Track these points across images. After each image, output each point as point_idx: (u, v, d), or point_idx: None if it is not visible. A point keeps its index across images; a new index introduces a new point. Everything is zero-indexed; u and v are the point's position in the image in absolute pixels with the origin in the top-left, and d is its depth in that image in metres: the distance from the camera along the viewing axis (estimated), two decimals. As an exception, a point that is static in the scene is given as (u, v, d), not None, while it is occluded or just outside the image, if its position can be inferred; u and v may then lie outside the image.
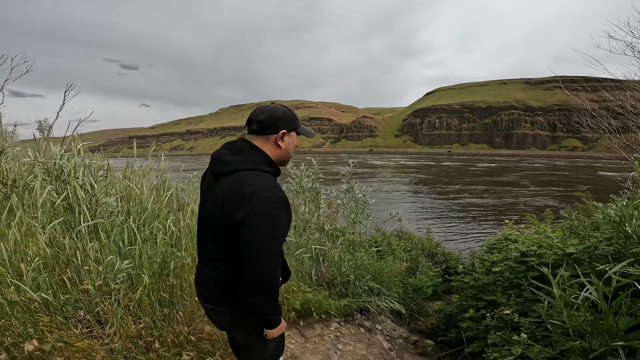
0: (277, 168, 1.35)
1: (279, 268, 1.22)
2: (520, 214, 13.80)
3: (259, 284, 1.19)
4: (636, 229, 1.36)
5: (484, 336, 2.32)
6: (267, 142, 1.34)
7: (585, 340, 0.87)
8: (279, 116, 1.34)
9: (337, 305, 2.99)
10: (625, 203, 1.55)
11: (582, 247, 1.95)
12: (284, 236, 1.25)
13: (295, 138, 1.43)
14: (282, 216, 1.21)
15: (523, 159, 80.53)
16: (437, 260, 7.15)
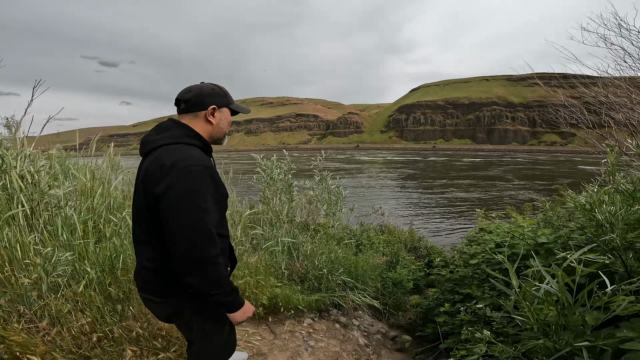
0: (206, 143, 1.31)
1: (213, 242, 1.12)
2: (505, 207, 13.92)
3: (190, 262, 1.10)
4: (606, 215, 1.32)
5: (459, 331, 2.28)
6: (196, 119, 1.31)
7: (550, 338, 0.81)
8: (207, 93, 1.31)
9: (308, 300, 2.90)
10: (596, 190, 1.52)
11: (554, 236, 1.93)
12: (216, 208, 1.18)
13: (229, 115, 1.39)
14: (207, 185, 1.14)
15: (505, 154, 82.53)
16: (420, 254, 7.18)
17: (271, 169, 3.35)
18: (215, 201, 1.18)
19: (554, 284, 0.76)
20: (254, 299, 2.78)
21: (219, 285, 1.17)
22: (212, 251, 1.12)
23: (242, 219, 3.39)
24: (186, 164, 1.13)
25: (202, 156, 1.21)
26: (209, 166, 1.19)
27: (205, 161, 1.19)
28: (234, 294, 1.24)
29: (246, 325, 2.73)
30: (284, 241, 3.14)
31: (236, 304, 1.26)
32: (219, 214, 1.22)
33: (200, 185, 1.13)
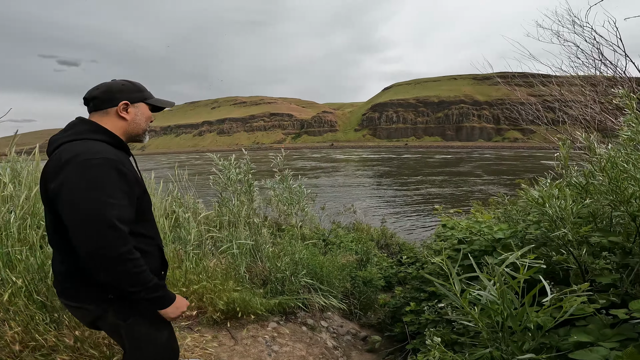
0: (117, 138, 1.25)
1: (120, 238, 1.06)
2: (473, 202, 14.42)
3: (96, 259, 1.03)
4: (556, 209, 1.31)
5: (424, 331, 2.26)
6: (106, 116, 1.26)
7: (498, 347, 0.76)
8: (116, 89, 1.27)
9: (268, 304, 2.80)
10: (548, 183, 1.52)
11: (510, 231, 1.94)
12: (127, 203, 1.11)
13: (147, 110, 1.35)
14: (111, 177, 1.09)
15: (474, 150, 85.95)
16: (392, 250, 7.24)
17: (228, 169, 3.22)
18: (126, 196, 1.13)
19: (493, 290, 0.71)
20: (210, 304, 2.66)
21: (137, 282, 1.11)
22: (120, 247, 1.06)
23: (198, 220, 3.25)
24: (85, 157, 1.08)
25: (106, 149, 1.15)
26: (115, 159, 1.13)
27: (110, 154, 1.13)
28: (160, 289, 1.18)
29: (204, 332, 2.61)
30: (242, 243, 3.01)
31: (165, 299, 1.20)
32: (133, 209, 1.16)
33: (101, 178, 1.07)
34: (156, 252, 1.33)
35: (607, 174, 1.33)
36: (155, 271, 1.29)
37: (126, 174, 1.14)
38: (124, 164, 1.17)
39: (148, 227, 1.29)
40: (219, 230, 3.20)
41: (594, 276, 1.32)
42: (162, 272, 1.37)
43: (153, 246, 1.31)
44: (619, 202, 1.36)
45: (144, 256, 1.19)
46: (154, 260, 1.31)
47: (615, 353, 0.81)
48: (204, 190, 7.71)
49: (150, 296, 1.15)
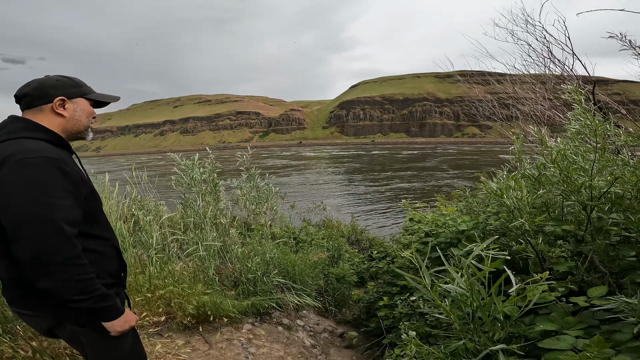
0: (57, 136, 1.17)
1: (65, 241, 1.00)
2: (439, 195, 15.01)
3: (37, 265, 0.96)
4: (513, 200, 1.37)
5: (399, 325, 2.30)
6: (41, 113, 1.17)
7: (471, 339, 0.79)
8: (50, 84, 1.19)
9: (241, 305, 2.74)
10: (505, 175, 1.60)
11: (472, 223, 2.02)
12: (74, 204, 1.06)
13: (87, 106, 1.27)
14: (52, 178, 1.02)
15: (437, 146, 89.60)
16: (363, 246, 7.36)
17: (191, 169, 3.09)
18: (71, 196, 1.06)
19: (462, 283, 0.73)
20: (180, 308, 2.55)
21: (83, 290, 1.03)
22: (67, 251, 1.00)
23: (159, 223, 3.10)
24: (21, 157, 1.01)
25: (45, 148, 1.08)
26: (55, 157, 1.06)
27: (50, 153, 1.06)
28: (109, 299, 1.11)
29: (175, 337, 2.50)
30: (210, 245, 2.92)
31: (113, 311, 1.13)
32: (80, 210, 1.10)
33: (41, 178, 1.01)
34: (113, 253, 1.26)
35: (558, 165, 1.42)
36: (113, 273, 1.24)
37: (69, 172, 1.07)
38: (67, 163, 1.09)
39: (102, 228, 1.23)
40: (184, 233, 3.07)
41: (551, 264, 1.40)
42: (122, 273, 1.30)
43: (109, 247, 1.24)
44: (569, 192, 1.45)
45: (100, 258, 1.14)
46: (112, 261, 1.25)
47: (582, 341, 0.86)
48: (167, 192, 7.37)
49: (97, 306, 1.08)
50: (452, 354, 0.87)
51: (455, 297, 0.77)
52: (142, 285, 2.55)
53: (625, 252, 1.41)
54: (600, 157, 1.40)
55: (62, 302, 1.06)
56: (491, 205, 2.37)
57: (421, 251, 2.53)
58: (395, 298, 2.55)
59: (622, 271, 1.41)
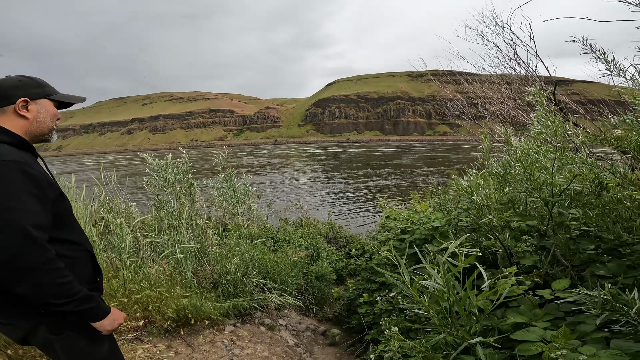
0: (20, 139, 1.14)
1: (36, 245, 0.98)
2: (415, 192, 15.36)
3: (11, 271, 0.95)
4: (483, 197, 1.45)
5: (379, 321, 2.35)
6: (3, 115, 1.14)
7: (449, 332, 0.83)
8: (11, 84, 1.15)
9: (222, 307, 2.71)
10: (474, 173, 1.68)
11: (445, 219, 2.11)
12: (41, 208, 1.03)
13: (51, 107, 1.24)
14: (17, 182, 0.99)
15: (411, 144, 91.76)
16: (340, 243, 7.44)
17: (165, 170, 3.00)
18: (38, 200, 1.03)
19: (439, 279, 0.77)
20: (158, 312, 2.49)
21: (62, 293, 1.02)
22: (38, 256, 0.98)
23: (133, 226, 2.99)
24: None
25: (8, 151, 1.05)
26: (19, 161, 1.03)
27: (13, 155, 1.03)
28: (93, 300, 1.10)
29: (155, 342, 2.43)
30: (186, 247, 2.85)
31: (99, 310, 1.13)
32: (47, 214, 1.07)
33: (5, 182, 0.98)
34: (86, 258, 1.24)
35: (522, 164, 1.51)
36: (88, 278, 1.21)
37: (35, 175, 1.04)
38: (31, 166, 1.06)
39: (73, 233, 1.20)
40: (158, 235, 2.98)
41: (518, 259, 1.49)
42: (97, 278, 1.28)
43: (82, 252, 1.21)
44: (532, 189, 1.55)
45: (73, 263, 1.12)
46: (86, 266, 1.22)
47: (550, 332, 0.93)
48: (137, 193, 7.08)
49: (81, 308, 1.07)
50: (433, 347, 0.91)
51: (433, 293, 0.81)
52: (117, 290, 2.47)
53: (584, 245, 1.52)
54: (560, 155, 1.50)
55: (43, 307, 1.04)
56: (462, 202, 2.48)
57: (398, 248, 2.61)
58: (375, 294, 2.60)
59: (582, 264, 1.51)
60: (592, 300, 0.91)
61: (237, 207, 3.65)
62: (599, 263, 1.40)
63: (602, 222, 1.43)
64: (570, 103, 3.59)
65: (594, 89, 7.44)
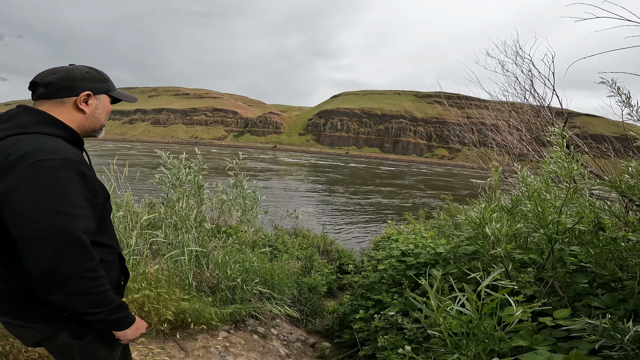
0: (75, 133, 1.06)
1: (83, 253, 0.92)
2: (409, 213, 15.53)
3: (52, 279, 0.88)
4: (494, 231, 1.50)
5: (374, 337, 2.36)
6: (62, 106, 1.06)
7: (463, 353, 0.87)
8: (79, 76, 1.08)
9: (221, 313, 2.69)
10: (484, 206, 1.73)
11: (450, 247, 2.15)
12: (89, 212, 0.96)
13: (108, 103, 1.18)
14: (71, 183, 0.92)
15: (411, 164, 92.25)
16: (332, 257, 7.42)
17: (178, 169, 2.98)
18: (88, 203, 0.96)
19: (469, 306, 0.81)
20: (156, 314, 2.45)
21: (98, 303, 0.96)
22: (83, 264, 0.91)
23: (140, 222, 2.95)
24: (39, 157, 0.89)
25: (65, 148, 0.97)
26: (75, 160, 0.95)
27: (70, 154, 0.96)
28: (122, 309, 1.05)
29: (148, 343, 2.40)
30: (192, 250, 2.81)
31: (126, 320, 1.07)
32: (95, 219, 1.01)
33: (59, 183, 0.90)
34: (117, 262, 1.18)
35: (535, 202, 1.56)
36: (114, 282, 1.15)
37: (90, 177, 0.98)
38: (87, 166, 1.01)
39: (109, 236, 1.13)
40: (165, 235, 2.92)
41: (520, 288, 1.53)
42: (122, 282, 1.22)
43: (114, 255, 1.16)
44: (540, 226, 1.60)
45: (104, 267, 1.04)
46: (115, 270, 1.16)
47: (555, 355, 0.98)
48: (137, 185, 7.03)
49: (112, 317, 1.01)
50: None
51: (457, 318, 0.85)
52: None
53: (580, 279, 1.60)
54: (570, 196, 1.56)
55: (74, 315, 0.99)
56: (465, 231, 2.53)
57: (397, 268, 2.64)
58: (371, 311, 2.61)
59: (576, 295, 1.59)
60: (593, 327, 0.97)
61: (246, 214, 3.62)
62: (592, 295, 1.46)
63: (600, 260, 1.49)
64: (575, 138, 3.61)
65: (597, 123, 7.54)
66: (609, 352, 1.04)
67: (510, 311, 0.95)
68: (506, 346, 1.15)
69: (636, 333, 0.98)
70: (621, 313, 1.31)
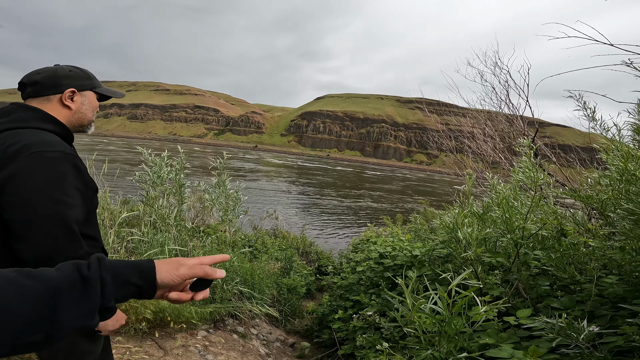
0: (66, 129, 1.14)
1: (77, 243, 0.98)
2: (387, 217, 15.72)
3: (41, 264, 0.89)
4: (466, 235, 1.59)
5: (353, 337, 2.42)
6: (48, 103, 1.13)
7: (435, 348, 0.93)
8: (63, 74, 1.16)
9: (202, 312, 2.69)
10: (457, 212, 1.83)
11: (425, 249, 2.25)
12: (81, 203, 1.02)
13: (94, 99, 1.25)
14: (68, 175, 0.99)
15: (395, 169, 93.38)
16: (311, 258, 7.48)
17: (160, 167, 2.95)
18: (79, 194, 1.02)
19: (441, 304, 0.88)
20: (134, 313, 2.44)
21: None
22: (76, 251, 0.97)
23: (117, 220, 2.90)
24: (39, 149, 0.96)
25: (61, 142, 1.05)
26: (71, 153, 1.03)
27: (66, 148, 1.03)
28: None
29: (125, 342, 2.36)
30: (171, 249, 2.79)
31: (112, 310, 1.09)
32: (85, 211, 1.06)
33: (58, 174, 0.97)
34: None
35: (503, 209, 1.68)
36: None
37: (82, 170, 1.05)
38: (79, 159, 1.07)
39: (94, 228, 1.18)
40: (143, 232, 2.88)
41: (487, 289, 1.64)
42: None
43: (97, 248, 1.20)
44: (507, 231, 1.72)
45: None
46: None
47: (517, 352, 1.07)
48: (117, 182, 6.81)
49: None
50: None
51: (430, 316, 0.92)
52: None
53: (542, 282, 1.74)
54: (535, 203, 1.68)
55: None
56: (440, 235, 2.64)
57: (375, 270, 2.73)
58: (349, 311, 2.68)
59: (538, 297, 1.72)
60: (551, 326, 1.06)
61: (227, 214, 3.61)
62: (553, 297, 1.58)
63: (560, 264, 1.62)
64: (544, 148, 3.83)
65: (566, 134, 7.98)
66: (566, 350, 1.13)
67: (477, 310, 1.03)
68: (474, 344, 1.24)
69: (590, 332, 1.07)
70: (578, 314, 1.43)
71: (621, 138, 1.50)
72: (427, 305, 0.88)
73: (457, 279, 0.85)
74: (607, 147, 1.51)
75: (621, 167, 1.31)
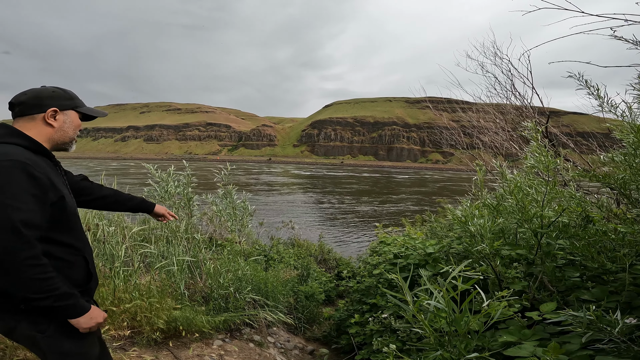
0: (37, 144, 1.21)
1: (24, 242, 1.03)
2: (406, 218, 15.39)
3: None
4: (477, 227, 1.52)
5: (370, 341, 2.36)
6: (32, 121, 1.23)
7: (445, 349, 0.87)
8: (46, 95, 1.25)
9: (214, 321, 2.69)
10: (469, 204, 1.75)
11: (439, 247, 2.17)
12: (30, 206, 1.07)
13: (76, 118, 1.33)
14: (19, 181, 1.06)
15: (419, 171, 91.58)
16: (330, 265, 7.40)
17: (166, 182, 3.03)
18: (36, 200, 1.09)
19: (441, 299, 0.82)
20: (147, 323, 2.47)
21: (41, 289, 1.05)
22: (23, 252, 1.03)
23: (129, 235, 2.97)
24: None
25: (19, 153, 1.12)
26: (25, 162, 1.09)
27: (21, 157, 1.10)
28: (72, 297, 1.13)
29: (141, 352, 2.38)
30: (182, 260, 2.84)
31: (76, 308, 1.15)
32: (44, 215, 1.12)
33: (7, 181, 1.04)
34: (81, 263, 1.27)
35: (515, 197, 1.59)
36: (79, 282, 1.24)
37: (37, 177, 1.10)
38: (37, 168, 1.12)
39: (72, 236, 1.24)
40: (154, 246, 2.95)
41: (507, 284, 1.55)
42: (89, 285, 1.31)
43: (77, 256, 1.26)
44: (523, 221, 1.62)
45: (65, 266, 1.16)
46: (78, 271, 1.26)
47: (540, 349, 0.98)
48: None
49: (59, 304, 1.09)
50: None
51: (433, 312, 0.86)
52: (106, 298, 2.45)
53: (570, 273, 1.61)
54: (550, 189, 1.59)
55: (22, 301, 1.07)
56: (454, 230, 2.54)
57: (390, 271, 2.65)
58: (366, 315, 2.61)
59: (567, 290, 1.59)
60: (578, 321, 0.97)
61: (235, 224, 3.65)
62: (583, 289, 1.47)
63: (588, 252, 1.51)
64: (561, 136, 3.68)
65: (584, 121, 7.72)
66: (600, 345, 1.02)
67: (495, 306, 0.96)
68: (495, 343, 1.15)
69: (626, 325, 0.96)
70: (612, 305, 1.29)
71: (632, 113, 1.40)
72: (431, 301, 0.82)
73: (455, 271, 0.79)
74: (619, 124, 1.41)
75: (635, 141, 1.22)
